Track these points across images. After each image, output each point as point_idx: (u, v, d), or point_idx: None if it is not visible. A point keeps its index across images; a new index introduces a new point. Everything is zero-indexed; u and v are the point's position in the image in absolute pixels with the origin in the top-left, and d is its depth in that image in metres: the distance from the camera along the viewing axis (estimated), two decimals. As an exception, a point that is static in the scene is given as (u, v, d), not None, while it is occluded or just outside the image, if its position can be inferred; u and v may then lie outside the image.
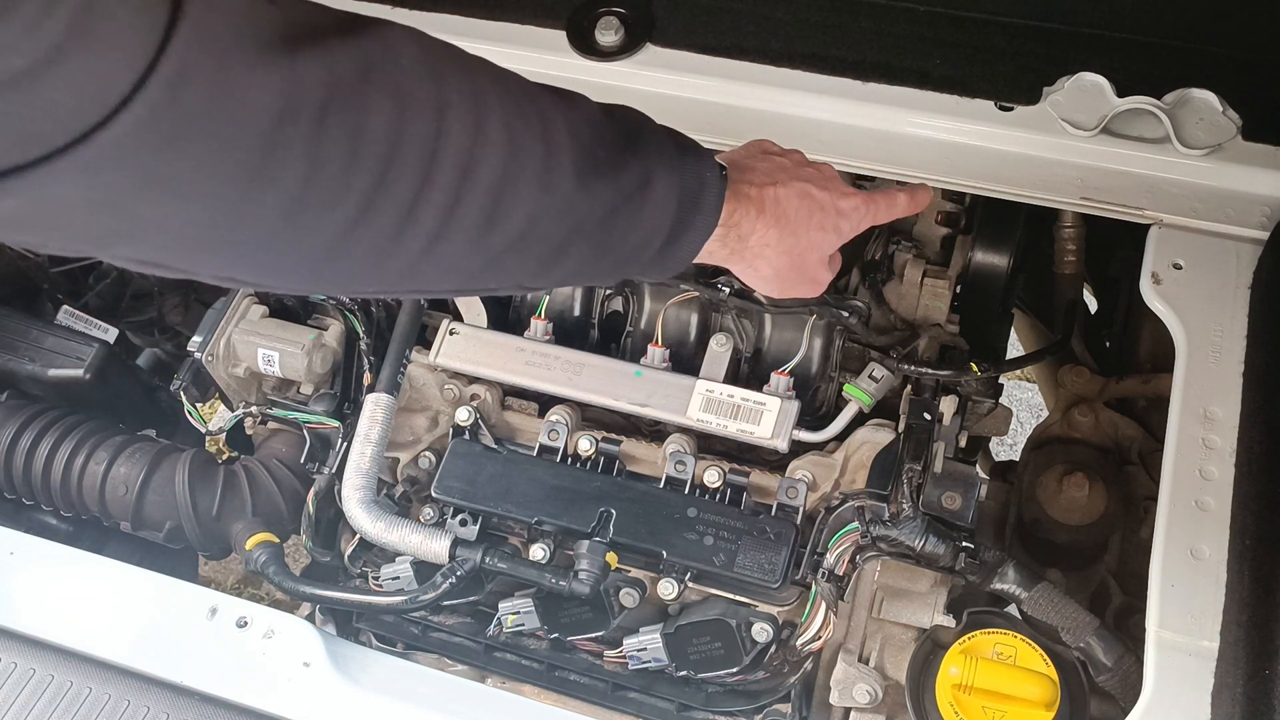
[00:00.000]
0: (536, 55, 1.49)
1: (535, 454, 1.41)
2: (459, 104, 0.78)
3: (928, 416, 1.36)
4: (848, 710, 1.29)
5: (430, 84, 0.77)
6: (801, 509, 1.33)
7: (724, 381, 1.40)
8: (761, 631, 1.29)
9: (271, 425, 1.56)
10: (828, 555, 1.27)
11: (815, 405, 1.45)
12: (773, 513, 1.33)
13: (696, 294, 1.46)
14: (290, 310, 1.57)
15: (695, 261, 1.01)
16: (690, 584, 1.32)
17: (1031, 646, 1.23)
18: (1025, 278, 1.69)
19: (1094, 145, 1.32)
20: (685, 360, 1.46)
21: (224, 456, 1.67)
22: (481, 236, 0.82)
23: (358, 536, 1.40)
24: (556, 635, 1.35)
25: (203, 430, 1.57)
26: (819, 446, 1.40)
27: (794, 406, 1.36)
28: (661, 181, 0.92)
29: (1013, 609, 1.29)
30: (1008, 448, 2.98)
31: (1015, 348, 2.13)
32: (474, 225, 0.81)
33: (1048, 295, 1.75)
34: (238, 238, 0.73)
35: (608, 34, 1.46)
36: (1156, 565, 1.10)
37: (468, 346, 1.47)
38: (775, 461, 1.40)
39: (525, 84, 0.88)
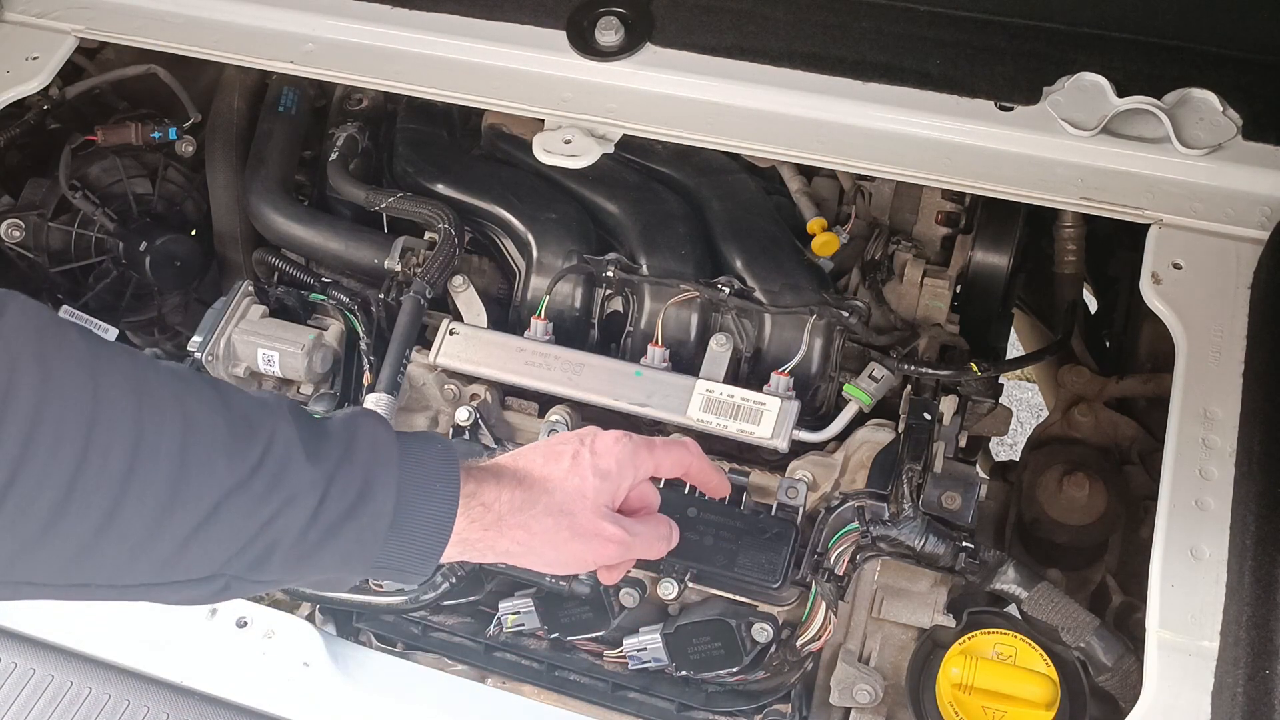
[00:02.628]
0: (536, 55, 1.49)
1: (535, 454, 1.41)
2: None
3: (928, 416, 1.36)
4: (848, 710, 1.29)
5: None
6: (801, 509, 1.33)
7: (724, 381, 1.40)
8: (761, 631, 1.29)
9: (271, 425, 1.56)
10: (828, 555, 1.27)
11: (815, 405, 1.45)
12: (773, 513, 1.33)
13: (696, 294, 1.46)
14: (290, 310, 1.57)
15: (449, 553, 0.96)
16: (690, 584, 1.32)
17: (1031, 646, 1.23)
18: (1025, 278, 1.69)
19: (1094, 145, 1.32)
20: (685, 360, 1.46)
21: (224, 456, 1.67)
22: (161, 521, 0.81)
23: (358, 536, 1.39)
24: (556, 635, 1.35)
25: (203, 430, 1.56)
26: (819, 446, 1.40)
27: (794, 406, 1.36)
28: (381, 479, 0.91)
29: (1013, 609, 1.29)
30: (1008, 448, 2.98)
31: (1015, 348, 2.13)
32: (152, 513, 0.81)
33: (1048, 295, 1.75)
34: None
35: (608, 34, 1.46)
36: (1156, 565, 1.10)
37: (468, 346, 1.47)
38: (775, 461, 1.40)
39: (204, 383, 0.88)
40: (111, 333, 1.68)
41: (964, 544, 1.26)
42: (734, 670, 1.29)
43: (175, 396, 0.84)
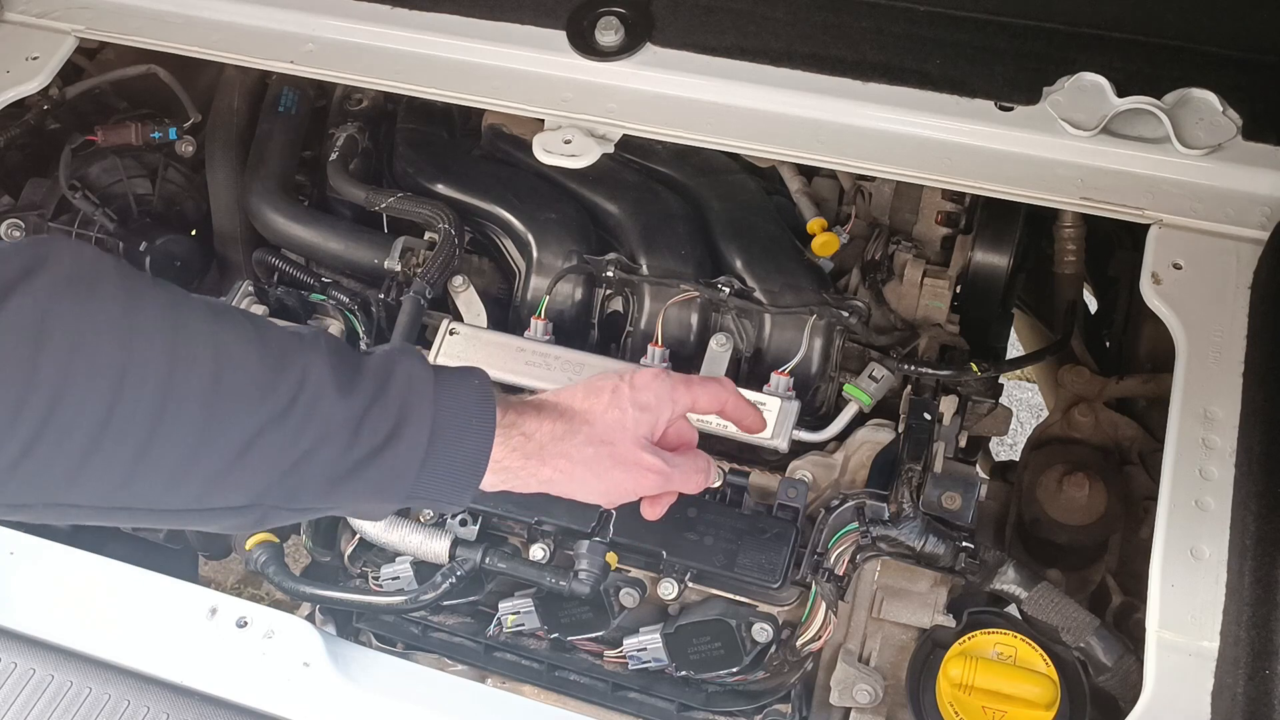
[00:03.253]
0: (536, 55, 1.49)
1: (535, 454, 1.41)
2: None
3: (928, 416, 1.36)
4: (848, 710, 1.29)
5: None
6: (801, 509, 1.33)
7: (724, 381, 1.40)
8: (761, 631, 1.29)
9: (271, 425, 1.56)
10: (828, 555, 1.27)
11: (815, 405, 1.45)
12: (773, 513, 1.33)
13: (696, 294, 1.46)
14: (290, 310, 1.57)
15: (492, 480, 1.00)
16: (690, 584, 1.32)
17: (1031, 646, 1.23)
18: (1025, 278, 1.69)
19: (1094, 145, 1.32)
20: (685, 360, 1.46)
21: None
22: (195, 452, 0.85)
23: (358, 536, 1.40)
24: (556, 635, 1.35)
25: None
26: (819, 446, 1.40)
27: (794, 406, 1.36)
28: (415, 414, 0.93)
29: (1013, 609, 1.29)
30: (1008, 448, 2.98)
31: (1015, 348, 2.13)
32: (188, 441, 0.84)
33: (1048, 295, 1.75)
34: None
35: (608, 34, 1.46)
36: (1156, 565, 1.10)
37: (468, 346, 1.47)
38: (775, 461, 1.40)
39: (243, 319, 0.91)
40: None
41: (964, 544, 1.26)
42: (734, 670, 1.29)
43: (209, 333, 0.86)
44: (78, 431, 0.80)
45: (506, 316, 1.56)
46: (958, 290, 1.56)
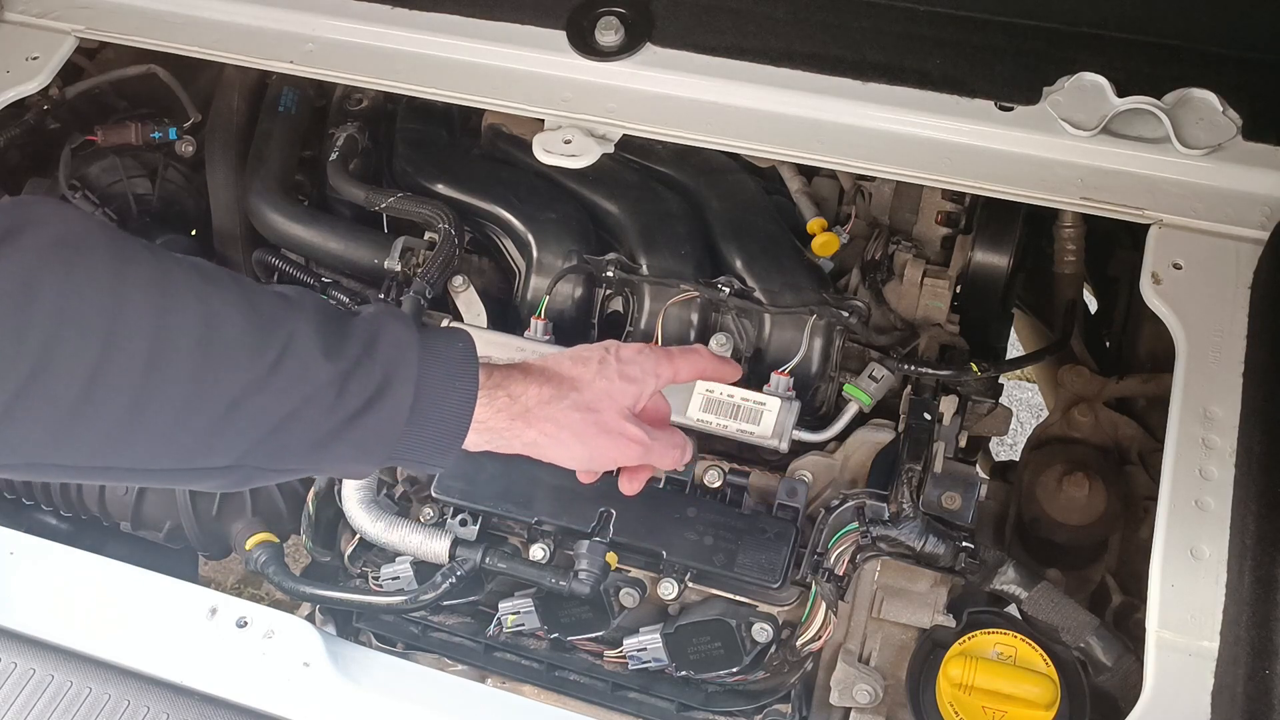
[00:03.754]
0: (536, 55, 1.49)
1: (535, 454, 1.41)
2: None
3: (928, 416, 1.36)
4: (848, 710, 1.29)
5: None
6: (801, 509, 1.33)
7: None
8: (761, 631, 1.29)
9: (271, 425, 1.56)
10: (828, 555, 1.27)
11: (815, 405, 1.45)
12: (773, 513, 1.33)
13: (696, 294, 1.46)
14: (290, 310, 1.57)
15: (477, 440, 1.02)
16: (690, 584, 1.32)
17: (1031, 646, 1.23)
18: (1025, 277, 1.69)
19: (1094, 145, 1.32)
20: (685, 360, 1.46)
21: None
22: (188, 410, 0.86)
23: (358, 536, 1.40)
24: (556, 635, 1.35)
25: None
26: (819, 446, 1.40)
27: (794, 406, 1.36)
28: (399, 377, 0.95)
29: (1013, 609, 1.29)
30: (1008, 448, 2.98)
31: (1015, 348, 2.13)
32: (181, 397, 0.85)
33: (1048, 295, 1.75)
34: None
35: (608, 34, 1.46)
36: (1156, 565, 1.10)
37: (468, 346, 1.47)
38: (775, 461, 1.40)
39: (224, 276, 0.92)
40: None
41: (964, 544, 1.26)
42: (734, 670, 1.29)
43: (197, 296, 0.87)
44: (63, 392, 0.80)
45: (506, 316, 1.56)
46: (958, 290, 1.56)
